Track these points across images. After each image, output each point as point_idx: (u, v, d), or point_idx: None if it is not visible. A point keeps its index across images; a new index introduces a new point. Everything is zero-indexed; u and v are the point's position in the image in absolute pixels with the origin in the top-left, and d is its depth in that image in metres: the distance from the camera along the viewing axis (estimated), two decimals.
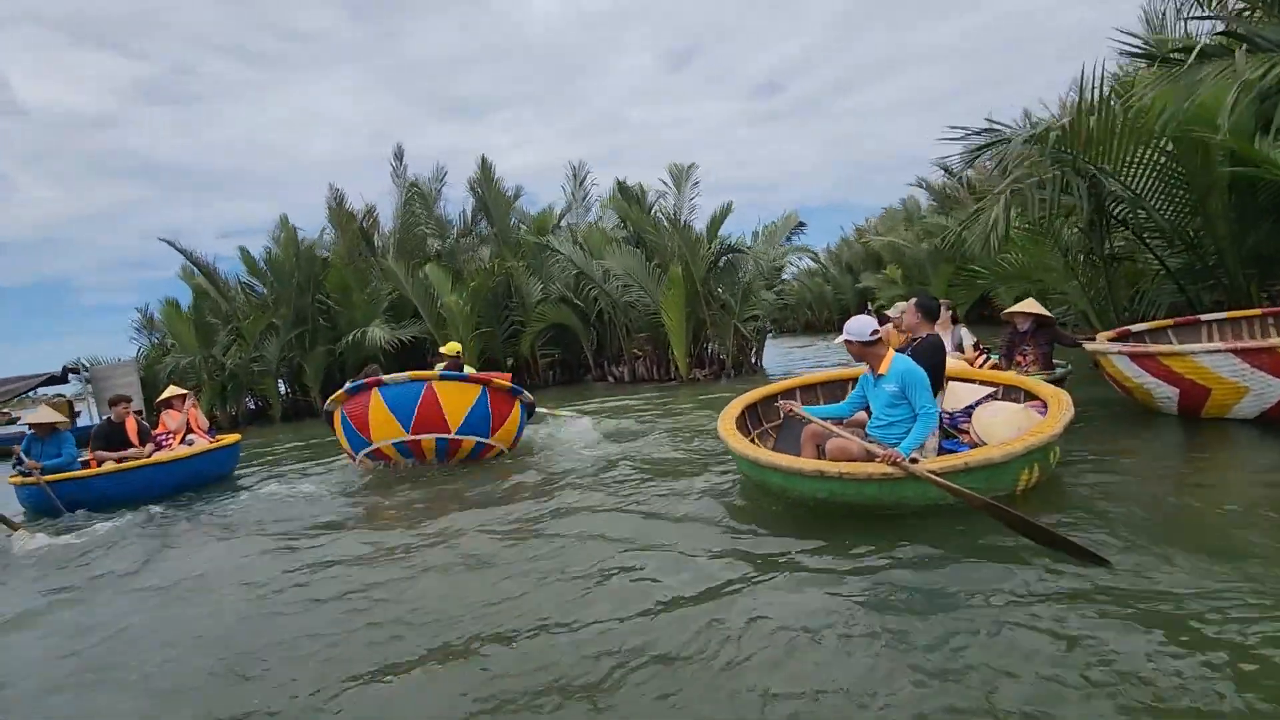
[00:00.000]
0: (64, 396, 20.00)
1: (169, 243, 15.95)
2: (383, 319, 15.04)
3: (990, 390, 4.96)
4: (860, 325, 3.94)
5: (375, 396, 6.39)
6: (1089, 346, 5.86)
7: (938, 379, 4.29)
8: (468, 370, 7.36)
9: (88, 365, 15.98)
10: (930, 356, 4.23)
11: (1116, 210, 7.75)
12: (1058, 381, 6.10)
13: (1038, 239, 8.79)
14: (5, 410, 24.31)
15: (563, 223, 17.36)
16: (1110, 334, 6.08)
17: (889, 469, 3.50)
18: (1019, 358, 6.27)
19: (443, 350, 7.47)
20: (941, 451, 4.07)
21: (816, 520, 3.83)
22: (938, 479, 3.42)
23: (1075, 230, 8.48)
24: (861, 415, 4.31)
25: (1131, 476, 4.27)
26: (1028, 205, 7.82)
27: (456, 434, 6.48)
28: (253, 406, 16.44)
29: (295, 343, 15.53)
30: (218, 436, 8.03)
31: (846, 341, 3.99)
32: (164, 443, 7.64)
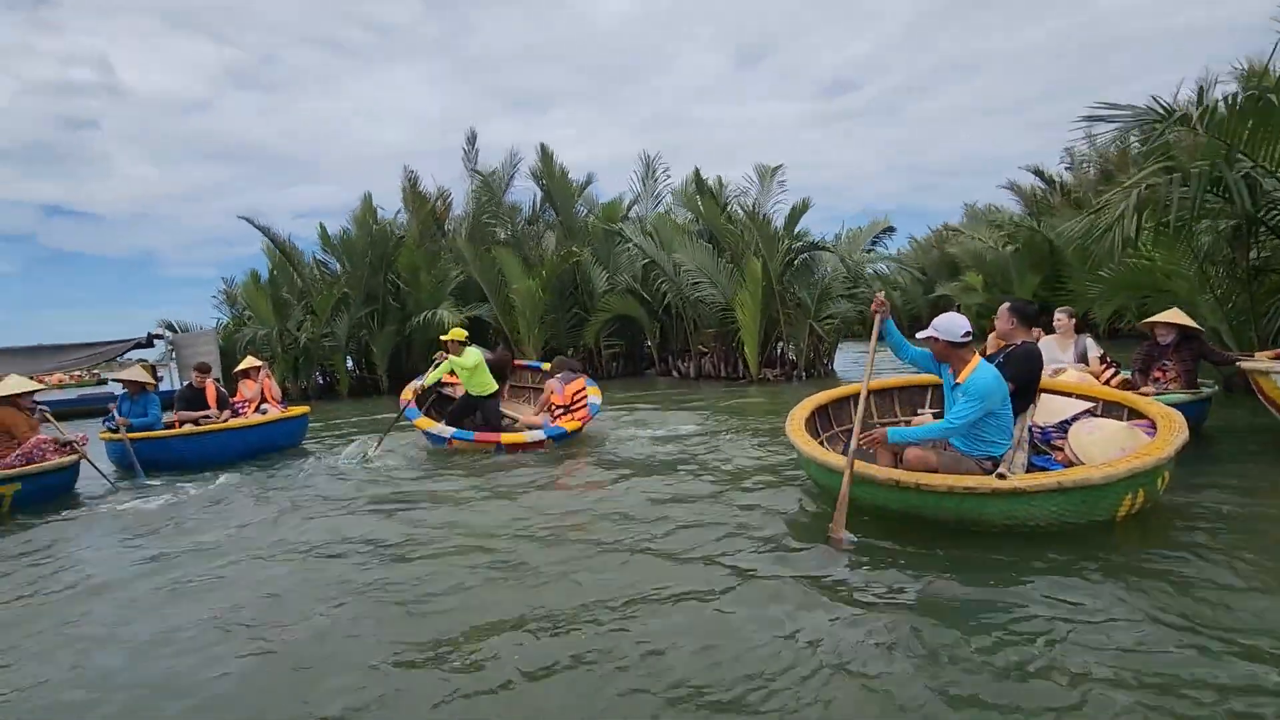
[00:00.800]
0: (148, 361, 20.93)
1: (247, 220, 16.38)
2: (450, 301, 15.07)
3: (1088, 405, 4.53)
4: (952, 323, 3.65)
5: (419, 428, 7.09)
6: (1246, 365, 5.13)
7: (1029, 390, 4.01)
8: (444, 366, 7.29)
9: (173, 331, 16.59)
10: (1023, 365, 3.93)
11: (1272, 216, 6.87)
12: (1202, 402, 5.41)
13: (1167, 243, 7.90)
14: (95, 371, 25.73)
15: (631, 213, 17.06)
16: (1271, 353, 5.33)
17: (971, 483, 3.27)
18: (1157, 373, 5.58)
19: (444, 338, 7.27)
20: (1031, 468, 3.78)
21: (889, 535, 3.50)
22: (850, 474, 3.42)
23: (1214, 236, 7.56)
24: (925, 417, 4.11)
25: (1270, 509, 3.70)
26: (1161, 203, 7.00)
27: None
28: (321, 381, 16.77)
29: (365, 321, 15.74)
30: (288, 407, 8.28)
31: (931, 338, 3.69)
32: (240, 410, 8.00)
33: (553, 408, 7.29)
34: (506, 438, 6.67)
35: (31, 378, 6.66)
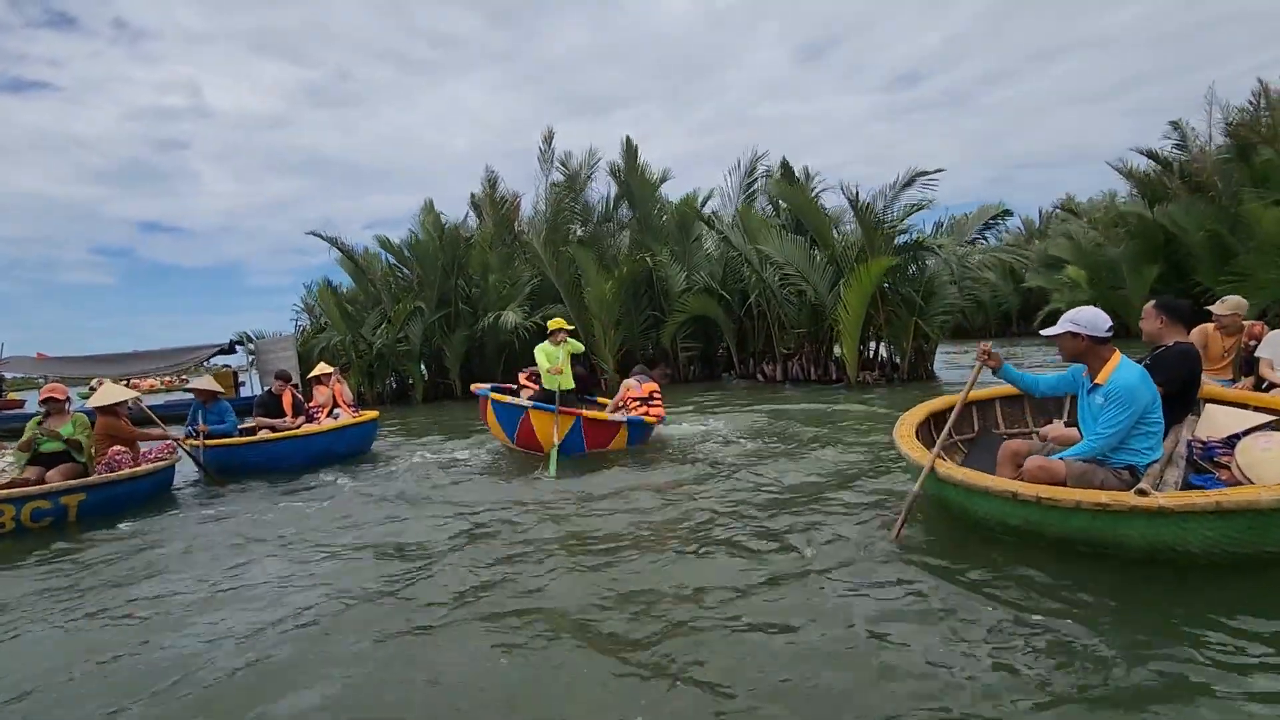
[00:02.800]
0: (230, 367, 21.46)
1: (316, 234, 16.48)
2: (523, 304, 14.64)
3: (1269, 419, 3.88)
4: (1096, 317, 3.25)
5: (489, 406, 7.05)
6: None
7: (1186, 397, 3.66)
8: (564, 351, 7.32)
9: (252, 339, 16.81)
10: (1176, 368, 3.55)
11: None
12: None
13: None
14: (185, 377, 26.71)
15: (706, 209, 16.23)
16: None
17: (1105, 498, 2.86)
18: None
19: (551, 325, 7.40)
20: (1187, 487, 3.30)
21: (1010, 557, 3.17)
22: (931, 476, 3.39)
23: None
24: (1069, 432, 3.62)
25: None
26: None
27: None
28: (394, 386, 16.67)
29: (439, 325, 15.51)
30: (360, 412, 8.28)
31: (1068, 334, 3.25)
32: (314, 415, 8.04)
33: (629, 403, 7.22)
34: (588, 413, 6.68)
35: (126, 383, 6.97)
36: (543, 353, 7.24)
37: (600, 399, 8.31)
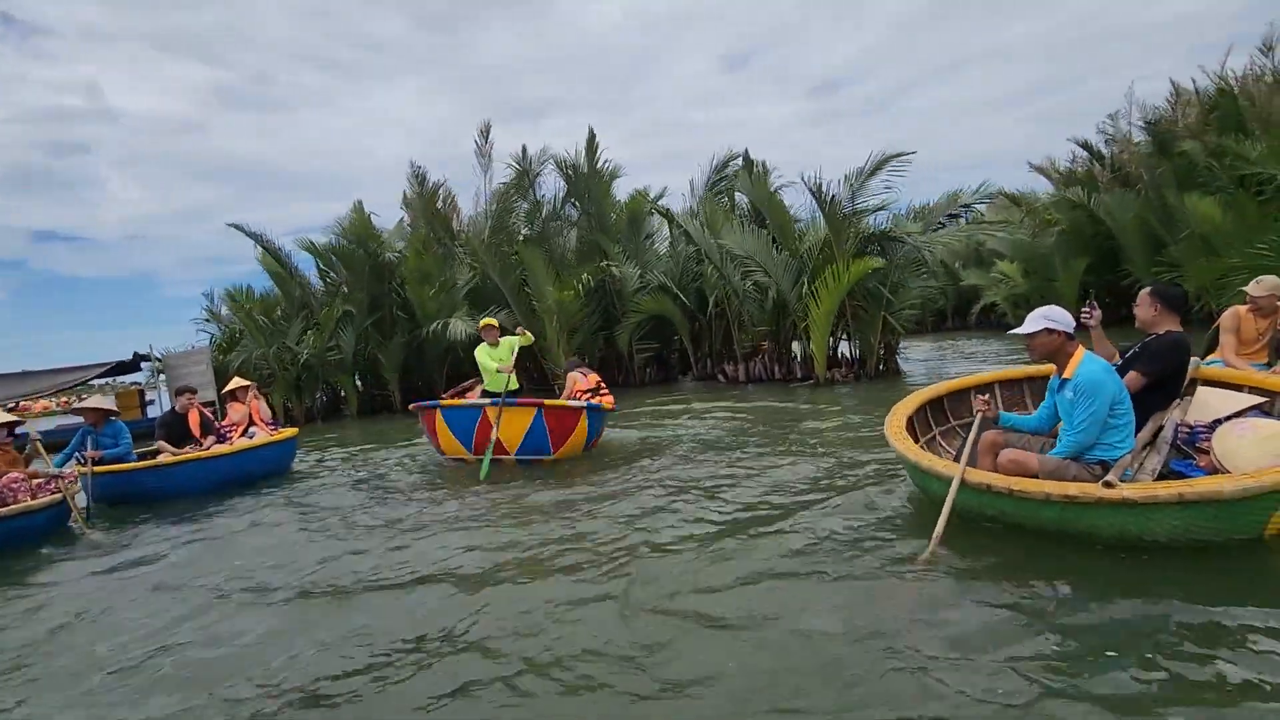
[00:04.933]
0: (138, 385, 19.49)
1: (237, 227, 14.89)
2: (464, 308, 13.63)
3: (1259, 400, 3.76)
4: (1063, 313, 3.35)
5: (439, 417, 6.56)
6: None
7: (1172, 386, 3.66)
8: (509, 345, 7.03)
9: (159, 354, 15.14)
10: (1167, 358, 3.55)
11: None
12: None
13: None
14: (83, 396, 24.18)
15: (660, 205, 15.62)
16: None
17: (1072, 491, 2.97)
18: None
19: (482, 324, 7.17)
20: (1165, 475, 3.30)
21: (998, 543, 3.28)
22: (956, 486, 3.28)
23: None
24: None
25: None
26: None
27: (516, 455, 6.41)
28: (325, 400, 15.31)
29: (372, 331, 14.33)
30: (278, 430, 7.56)
31: (1048, 330, 3.31)
32: (227, 435, 7.26)
33: (580, 395, 6.93)
34: (548, 401, 6.36)
35: (9, 407, 5.91)
36: (485, 354, 6.93)
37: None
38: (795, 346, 12.39)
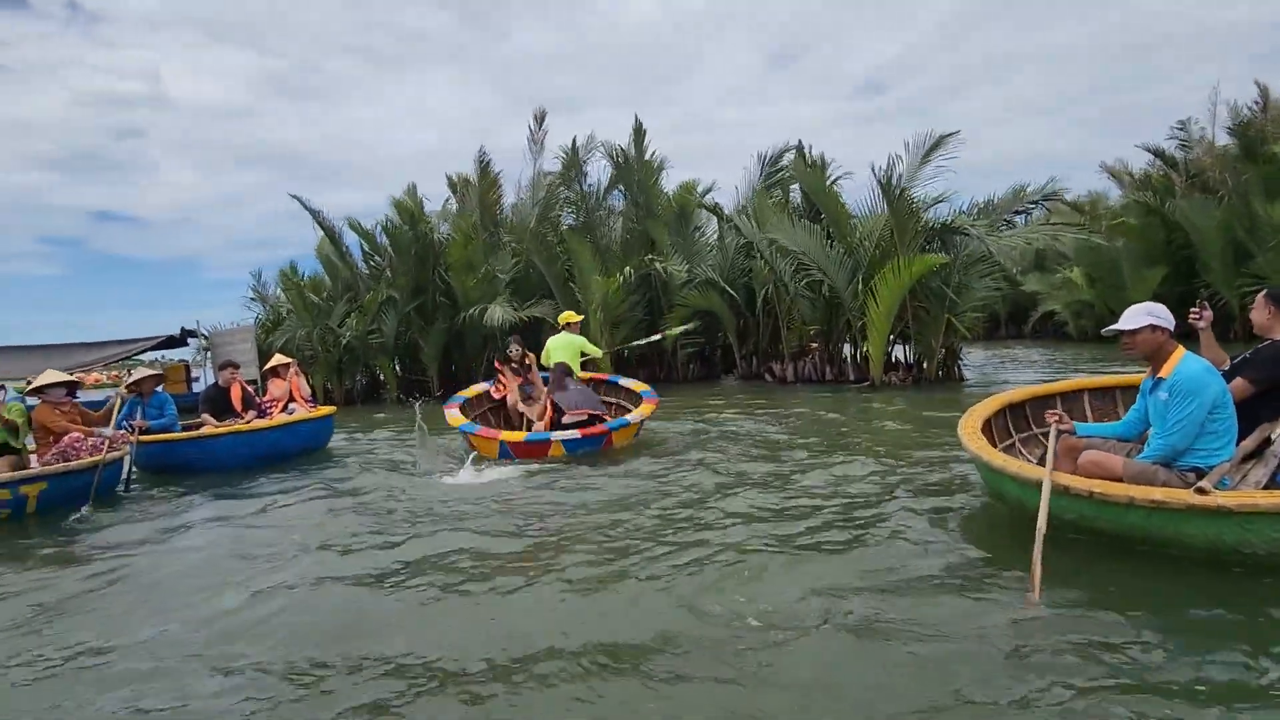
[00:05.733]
0: (185, 361, 19.89)
1: (298, 199, 14.97)
2: (505, 295, 13.43)
3: None
4: (1166, 311, 3.16)
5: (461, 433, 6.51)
6: None
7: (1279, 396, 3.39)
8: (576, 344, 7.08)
9: (206, 330, 15.35)
10: (1271, 367, 3.31)
11: None
12: None
13: None
14: (132, 371, 24.86)
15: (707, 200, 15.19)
16: None
17: (1158, 495, 2.77)
18: None
19: (561, 320, 7.25)
20: (1273, 486, 3.05)
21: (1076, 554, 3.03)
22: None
23: None
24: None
25: None
26: None
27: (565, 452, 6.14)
28: (364, 384, 15.33)
29: (414, 316, 14.25)
30: (316, 408, 7.62)
31: (1152, 327, 3.11)
32: (267, 410, 7.36)
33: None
34: (507, 434, 6.31)
35: (69, 373, 6.25)
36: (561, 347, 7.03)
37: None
38: (847, 348, 11.87)
